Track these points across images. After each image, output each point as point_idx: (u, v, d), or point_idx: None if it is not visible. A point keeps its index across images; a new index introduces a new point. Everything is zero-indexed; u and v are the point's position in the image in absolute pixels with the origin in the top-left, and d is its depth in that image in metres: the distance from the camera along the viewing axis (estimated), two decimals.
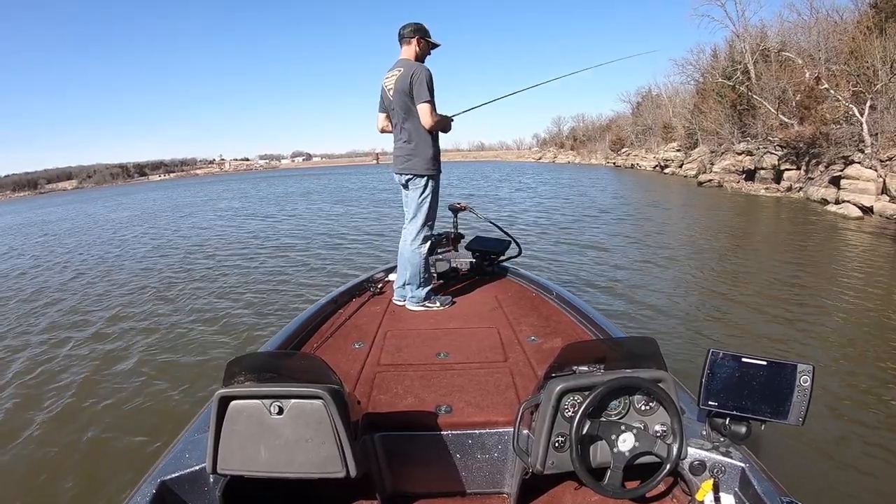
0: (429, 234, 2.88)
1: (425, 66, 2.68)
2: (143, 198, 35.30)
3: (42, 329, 5.76)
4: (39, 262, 10.64)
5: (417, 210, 2.82)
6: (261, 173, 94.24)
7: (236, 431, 1.27)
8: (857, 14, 18.36)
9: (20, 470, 3.02)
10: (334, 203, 20.20)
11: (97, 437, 3.29)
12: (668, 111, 36.72)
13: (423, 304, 2.82)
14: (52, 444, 3.25)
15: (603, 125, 55.43)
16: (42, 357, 4.84)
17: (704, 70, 29.01)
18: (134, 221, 18.18)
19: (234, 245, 10.88)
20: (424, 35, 2.73)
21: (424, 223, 2.83)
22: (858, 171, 13.01)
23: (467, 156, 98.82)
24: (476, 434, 1.59)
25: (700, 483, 1.35)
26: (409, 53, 2.72)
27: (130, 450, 3.11)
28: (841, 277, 6.48)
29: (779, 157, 18.29)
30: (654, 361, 1.39)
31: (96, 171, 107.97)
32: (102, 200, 36.12)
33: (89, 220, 20.39)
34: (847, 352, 4.16)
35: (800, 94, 19.09)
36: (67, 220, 21.95)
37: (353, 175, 49.51)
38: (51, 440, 3.30)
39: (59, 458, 3.09)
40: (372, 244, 9.92)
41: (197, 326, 5.37)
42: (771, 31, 24.30)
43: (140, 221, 17.94)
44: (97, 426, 3.43)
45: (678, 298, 5.71)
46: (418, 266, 2.82)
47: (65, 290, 7.64)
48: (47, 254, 11.84)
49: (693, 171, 25.39)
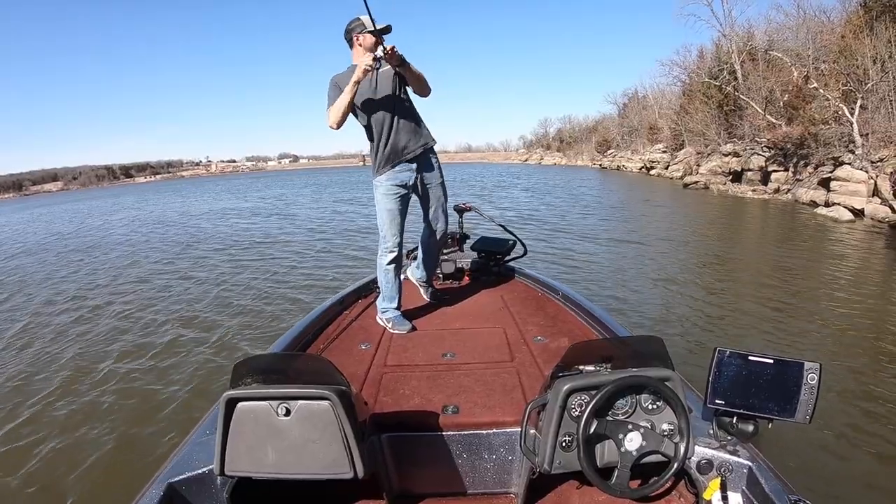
0: (387, 246, 2.59)
1: (332, 77, 2.47)
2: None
3: (44, 330, 5.84)
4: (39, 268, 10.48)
5: (378, 216, 2.61)
6: (247, 175, 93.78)
7: (244, 433, 1.27)
8: (844, 14, 18.22)
9: (26, 471, 3.03)
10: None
11: (104, 440, 3.31)
12: (654, 112, 36.84)
13: (379, 318, 2.65)
14: (57, 448, 3.26)
15: (589, 126, 55.49)
16: (42, 357, 4.91)
17: (691, 70, 28.97)
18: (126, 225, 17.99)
19: (233, 245, 10.94)
20: (361, 30, 2.42)
21: (381, 231, 2.61)
22: (849, 172, 12.75)
23: (454, 157, 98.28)
24: (483, 434, 1.60)
25: (707, 482, 1.35)
26: (357, 54, 2.48)
27: (138, 452, 3.13)
28: (841, 282, 6.40)
29: (766, 158, 18.24)
30: (660, 360, 1.39)
31: (82, 173, 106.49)
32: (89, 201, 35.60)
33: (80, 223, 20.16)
34: (852, 351, 4.20)
35: (788, 93, 18.96)
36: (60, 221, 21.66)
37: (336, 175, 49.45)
38: (56, 443, 3.32)
39: (65, 461, 3.11)
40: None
41: (203, 329, 5.42)
42: (758, 31, 24.31)
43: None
44: (104, 429, 3.45)
45: (672, 300, 5.78)
46: (380, 278, 2.65)
47: (64, 294, 7.58)
48: (53, 257, 11.67)
49: (679, 173, 25.32)
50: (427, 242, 2.81)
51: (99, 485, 2.85)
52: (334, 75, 2.45)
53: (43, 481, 2.92)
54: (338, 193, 26.28)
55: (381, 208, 2.55)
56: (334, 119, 2.37)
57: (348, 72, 2.40)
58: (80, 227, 17.84)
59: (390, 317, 2.58)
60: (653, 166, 30.36)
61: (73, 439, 3.34)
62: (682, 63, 29.93)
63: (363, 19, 2.37)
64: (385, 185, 2.52)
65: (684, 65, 29.82)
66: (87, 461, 3.08)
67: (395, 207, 2.54)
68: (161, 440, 3.17)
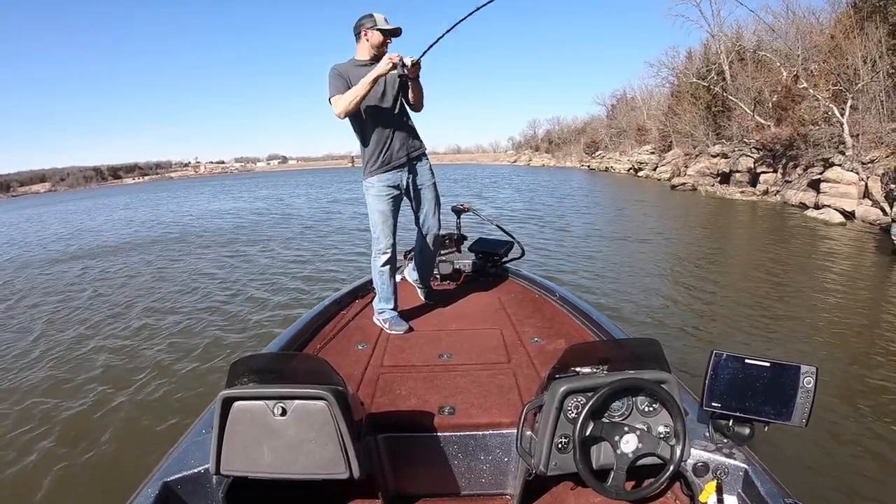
0: (380, 248, 2.59)
1: (333, 66, 2.45)
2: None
3: (39, 330, 5.79)
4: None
5: (370, 216, 2.61)
6: (236, 176, 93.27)
7: (240, 432, 1.26)
8: (834, 14, 18.07)
9: (20, 469, 3.02)
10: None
11: (99, 439, 3.29)
12: (642, 113, 36.94)
13: (376, 319, 2.64)
14: (52, 446, 3.24)
15: (578, 128, 55.62)
16: (34, 354, 4.91)
17: (679, 71, 28.83)
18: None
19: (232, 247, 10.82)
20: (372, 26, 2.42)
21: (373, 235, 2.62)
22: (839, 174, 12.51)
23: (442, 159, 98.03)
24: (479, 435, 1.59)
25: (703, 484, 1.35)
26: (362, 48, 2.47)
27: (133, 451, 3.10)
28: (834, 287, 6.32)
29: (755, 159, 18.12)
30: (657, 363, 1.39)
31: (70, 174, 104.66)
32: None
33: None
34: (848, 355, 4.22)
35: (777, 94, 18.78)
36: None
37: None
38: (51, 442, 3.30)
39: (60, 460, 3.09)
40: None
41: (200, 328, 5.39)
42: (747, 32, 24.17)
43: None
44: (99, 428, 3.43)
45: (664, 303, 5.75)
46: (375, 280, 2.65)
47: (61, 297, 7.47)
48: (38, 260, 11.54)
49: (667, 175, 25.29)
50: (421, 244, 2.81)
51: (94, 483, 2.84)
52: (335, 65, 2.44)
53: (37, 480, 2.90)
54: (334, 194, 26.14)
55: (372, 210, 2.56)
56: (344, 109, 2.35)
57: (350, 63, 2.45)
58: (61, 232, 17.58)
59: (387, 317, 2.59)
60: (641, 168, 30.33)
61: (68, 438, 3.33)
62: (670, 64, 30.10)
63: (376, 17, 2.41)
64: (377, 186, 2.53)
65: (673, 66, 29.99)
66: (82, 460, 3.07)
67: (387, 209, 2.56)
68: (157, 439, 3.15)
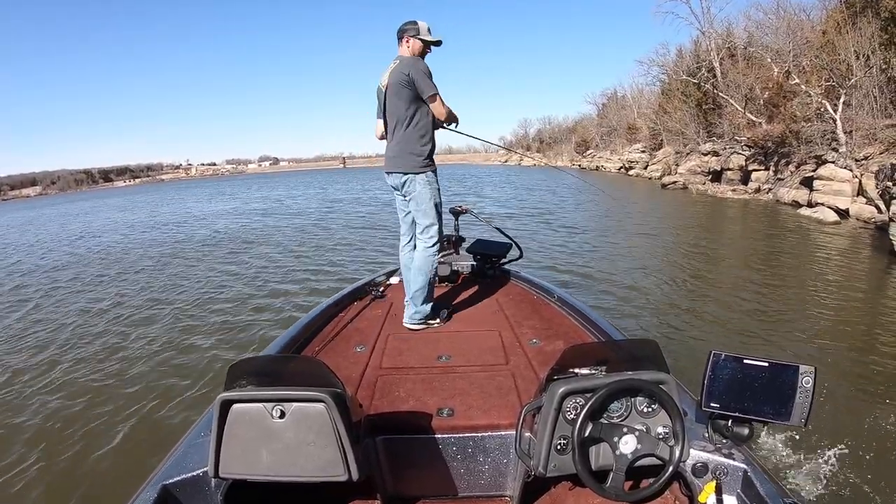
0: (439, 236, 2.65)
1: (422, 60, 2.52)
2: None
3: (39, 330, 5.80)
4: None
5: (427, 209, 2.60)
6: (228, 178, 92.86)
7: (238, 435, 1.26)
8: (825, 11, 17.92)
9: (19, 473, 3.00)
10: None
11: (98, 442, 3.28)
12: (633, 112, 36.92)
13: (426, 322, 2.62)
14: (51, 450, 3.22)
15: (569, 127, 55.73)
16: (35, 357, 4.90)
17: (669, 69, 28.66)
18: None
19: (229, 249, 10.77)
20: (414, 34, 2.52)
21: (433, 223, 2.62)
22: (832, 171, 12.30)
23: None
24: (478, 437, 1.59)
25: (702, 485, 1.34)
26: (404, 52, 2.55)
27: (132, 454, 3.09)
28: (831, 287, 6.23)
29: (746, 157, 17.95)
30: (655, 363, 1.38)
31: (60, 177, 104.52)
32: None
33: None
34: (846, 355, 4.23)
35: (768, 90, 18.52)
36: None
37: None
38: (50, 445, 3.28)
39: (59, 463, 3.08)
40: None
41: (198, 330, 5.38)
42: (737, 29, 24.01)
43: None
44: (98, 431, 3.42)
45: (656, 303, 5.73)
46: (429, 276, 2.60)
47: (58, 296, 7.50)
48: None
49: (658, 173, 25.23)
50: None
51: (93, 487, 2.83)
52: (423, 63, 2.52)
53: (37, 482, 2.91)
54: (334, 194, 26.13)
55: (439, 196, 2.67)
56: (447, 110, 2.59)
57: (422, 62, 2.52)
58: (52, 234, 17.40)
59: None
60: (631, 166, 30.24)
61: (66, 441, 3.32)
62: (660, 62, 30.03)
63: (420, 25, 2.51)
64: (435, 179, 2.67)
65: (663, 63, 29.89)
66: (81, 463, 3.08)
67: (396, 205, 2.76)
68: (155, 442, 3.13)
